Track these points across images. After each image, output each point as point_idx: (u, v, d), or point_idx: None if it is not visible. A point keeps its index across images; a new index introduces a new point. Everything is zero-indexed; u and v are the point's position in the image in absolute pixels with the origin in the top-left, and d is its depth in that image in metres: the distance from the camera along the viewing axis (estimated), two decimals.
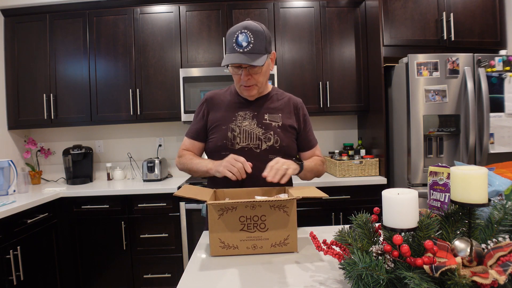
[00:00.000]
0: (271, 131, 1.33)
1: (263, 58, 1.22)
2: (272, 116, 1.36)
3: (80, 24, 2.75)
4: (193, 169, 1.35)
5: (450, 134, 2.29)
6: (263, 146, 1.31)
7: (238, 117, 1.34)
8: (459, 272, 0.59)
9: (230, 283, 0.84)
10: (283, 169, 1.15)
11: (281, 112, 1.37)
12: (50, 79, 2.76)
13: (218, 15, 2.73)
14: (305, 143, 1.43)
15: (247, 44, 1.19)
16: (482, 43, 2.52)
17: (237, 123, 1.33)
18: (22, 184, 2.47)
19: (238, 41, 1.19)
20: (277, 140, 1.32)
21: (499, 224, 0.70)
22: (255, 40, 1.20)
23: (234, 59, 1.19)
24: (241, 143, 1.31)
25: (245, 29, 1.20)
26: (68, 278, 2.51)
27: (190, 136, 1.42)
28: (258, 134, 1.32)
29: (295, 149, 1.41)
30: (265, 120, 1.34)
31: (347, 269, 0.71)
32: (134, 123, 2.81)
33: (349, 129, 3.14)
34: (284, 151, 1.33)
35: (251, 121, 1.34)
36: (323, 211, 2.48)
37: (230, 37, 1.22)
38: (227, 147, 1.31)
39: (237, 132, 1.32)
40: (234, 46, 1.20)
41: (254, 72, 1.25)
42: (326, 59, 2.75)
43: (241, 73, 1.25)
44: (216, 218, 1.00)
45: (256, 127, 1.33)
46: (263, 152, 1.31)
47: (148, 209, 2.47)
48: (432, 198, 0.81)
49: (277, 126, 1.34)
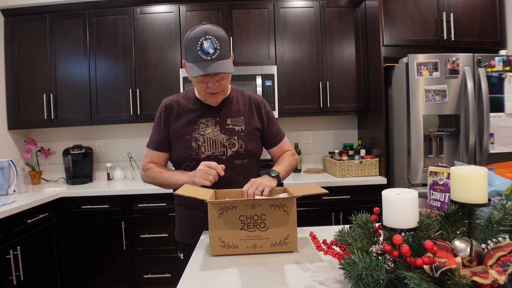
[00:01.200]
0: (234, 136, 1.31)
1: (230, 62, 1.20)
2: (235, 120, 1.33)
3: (80, 24, 2.75)
4: (165, 183, 1.31)
5: (450, 134, 2.29)
6: (229, 152, 1.30)
7: (201, 125, 1.31)
8: (459, 272, 0.59)
9: (230, 283, 0.84)
10: (258, 192, 1.13)
11: (243, 114, 1.35)
12: (50, 79, 2.76)
13: (218, 15, 2.73)
14: (271, 140, 1.42)
15: (214, 51, 1.15)
16: (482, 43, 2.52)
17: (200, 132, 1.30)
18: (22, 184, 2.47)
19: (203, 49, 1.14)
20: (242, 145, 1.31)
21: (499, 224, 0.70)
22: (221, 45, 1.16)
23: (206, 69, 1.14)
24: (206, 152, 1.29)
25: (207, 35, 1.15)
26: (68, 278, 2.51)
27: (153, 147, 1.36)
28: (222, 141, 1.30)
29: (260, 150, 1.40)
30: (228, 125, 1.32)
31: (347, 269, 0.71)
32: (134, 123, 2.81)
33: (349, 129, 3.14)
34: (249, 154, 1.33)
35: (214, 128, 1.31)
36: (323, 211, 2.48)
37: (193, 45, 1.15)
38: (192, 157, 1.29)
39: (201, 141, 1.29)
40: (200, 54, 1.15)
41: (221, 78, 1.22)
42: (326, 59, 2.75)
43: (208, 81, 1.20)
44: (216, 217, 1.00)
45: (219, 133, 1.31)
46: (229, 159, 1.30)
47: (148, 209, 2.47)
48: (432, 198, 0.81)
49: (240, 130, 1.32)
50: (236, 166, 1.31)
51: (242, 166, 1.32)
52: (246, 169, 1.33)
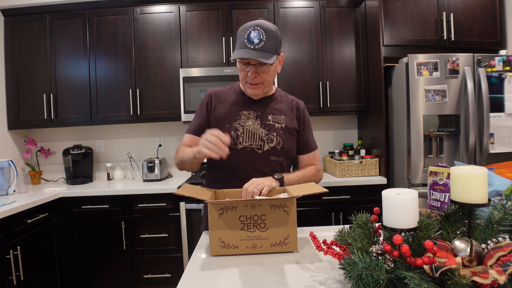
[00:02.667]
0: (274, 133, 1.32)
1: (273, 57, 1.21)
2: (276, 117, 1.35)
3: (80, 24, 2.75)
4: (184, 159, 1.27)
5: (450, 134, 2.29)
6: (265, 147, 1.31)
7: (242, 116, 1.33)
8: (459, 272, 0.59)
9: (230, 283, 0.84)
10: (257, 191, 1.13)
11: (285, 114, 1.37)
12: (50, 79, 2.76)
13: (218, 15, 2.73)
14: (303, 145, 1.41)
15: (259, 42, 1.18)
16: (482, 43, 2.52)
17: (240, 122, 1.32)
18: (22, 184, 2.47)
19: (250, 38, 1.18)
20: (279, 142, 1.32)
21: (499, 224, 0.70)
22: (267, 38, 1.19)
23: (244, 54, 1.18)
24: (244, 143, 1.30)
25: (258, 26, 1.19)
26: (68, 278, 2.51)
27: (192, 131, 1.37)
28: (261, 135, 1.31)
29: (295, 152, 1.40)
30: (269, 121, 1.34)
31: (347, 269, 0.71)
32: (134, 123, 2.81)
33: (349, 129, 3.14)
34: (285, 153, 1.33)
35: (255, 121, 1.33)
36: (323, 211, 2.48)
37: (242, 33, 1.20)
38: (229, 147, 1.29)
39: (240, 131, 1.31)
40: (246, 42, 1.19)
41: (262, 70, 1.24)
42: (326, 59, 2.75)
43: (248, 70, 1.24)
44: (216, 218, 1.00)
45: (259, 127, 1.32)
46: (265, 153, 1.31)
47: (148, 209, 2.47)
48: (432, 198, 0.81)
49: (280, 128, 1.34)
50: (271, 162, 1.31)
51: (277, 163, 1.32)
52: (279, 168, 1.33)
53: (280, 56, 1.30)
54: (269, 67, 1.25)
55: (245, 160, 1.30)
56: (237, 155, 1.29)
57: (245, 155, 1.29)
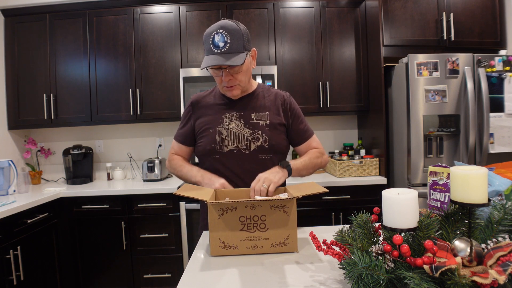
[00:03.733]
0: (259, 131, 1.31)
1: (242, 56, 1.19)
2: (259, 115, 1.34)
3: (80, 24, 2.75)
4: (183, 177, 1.36)
5: (450, 134, 2.29)
6: (252, 146, 1.30)
7: (225, 119, 1.32)
8: (459, 272, 0.59)
9: (230, 283, 0.84)
10: (264, 190, 1.13)
11: (268, 110, 1.35)
12: (50, 79, 2.76)
13: (218, 15, 2.73)
14: (297, 136, 1.40)
15: (224, 44, 1.17)
16: (482, 43, 2.52)
17: (224, 125, 1.31)
18: (22, 184, 2.47)
19: (214, 42, 1.17)
20: (266, 140, 1.31)
21: (499, 224, 0.70)
22: (232, 39, 1.17)
23: (212, 61, 1.17)
24: (230, 146, 1.30)
25: (220, 29, 1.17)
26: (68, 278, 2.51)
27: (178, 140, 1.42)
28: (246, 135, 1.30)
29: (286, 146, 1.38)
30: (252, 120, 1.32)
31: (347, 269, 0.71)
32: (134, 123, 2.81)
33: (349, 129, 3.14)
34: (273, 149, 1.32)
35: (238, 122, 1.32)
36: (323, 211, 2.48)
37: (207, 39, 1.20)
38: (216, 151, 1.30)
39: (224, 134, 1.30)
40: (211, 48, 1.18)
41: (235, 71, 1.24)
42: (326, 59, 2.75)
43: (222, 74, 1.23)
44: (216, 218, 1.00)
45: (243, 127, 1.31)
46: (253, 153, 1.30)
47: (148, 209, 2.47)
48: (432, 198, 0.81)
49: (264, 125, 1.32)
50: (260, 161, 1.30)
51: (267, 161, 1.31)
52: (271, 165, 1.31)
53: (252, 51, 1.28)
54: (241, 67, 1.24)
55: (234, 162, 1.29)
56: (224, 158, 1.29)
57: (232, 158, 1.29)
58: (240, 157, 1.29)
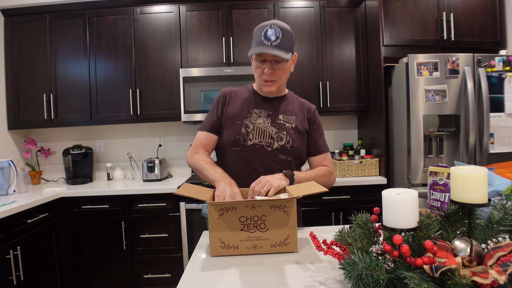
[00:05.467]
0: (284, 131, 1.34)
1: (288, 54, 1.24)
2: (287, 117, 1.37)
3: (80, 24, 2.75)
4: (200, 172, 1.29)
5: (450, 134, 2.29)
6: (275, 145, 1.32)
7: (253, 114, 1.35)
8: (459, 272, 0.59)
9: (230, 283, 0.84)
10: (263, 192, 1.13)
11: (296, 115, 1.39)
12: (50, 79, 2.76)
13: (218, 15, 2.73)
14: (313, 147, 1.42)
15: (276, 39, 1.21)
16: (482, 43, 2.52)
17: (251, 120, 1.34)
18: (22, 184, 2.47)
19: (267, 35, 1.21)
20: (289, 141, 1.33)
21: (499, 224, 0.70)
22: (283, 36, 1.22)
23: (263, 50, 1.21)
24: (254, 140, 1.32)
25: (274, 25, 1.23)
26: (68, 278, 2.51)
27: (206, 128, 1.39)
28: (271, 133, 1.33)
29: (305, 153, 1.41)
30: (279, 120, 1.35)
31: (347, 269, 0.71)
32: (134, 123, 2.81)
33: (349, 129, 3.14)
34: (294, 152, 1.34)
35: (266, 120, 1.35)
36: (323, 211, 2.48)
37: (259, 31, 1.24)
38: (239, 143, 1.32)
39: (250, 128, 1.32)
40: (263, 40, 1.22)
41: (278, 67, 1.27)
42: (326, 59, 2.75)
43: (265, 66, 1.27)
44: (216, 218, 1.00)
45: (270, 125, 1.34)
46: (274, 151, 1.32)
47: (148, 209, 2.47)
48: (432, 198, 0.81)
49: (290, 127, 1.35)
50: (280, 161, 1.32)
51: (285, 162, 1.33)
52: (288, 167, 1.33)
53: (294, 55, 1.33)
54: (285, 64, 1.28)
55: (254, 157, 1.31)
56: (246, 151, 1.31)
57: (254, 152, 1.31)
58: (262, 153, 1.30)
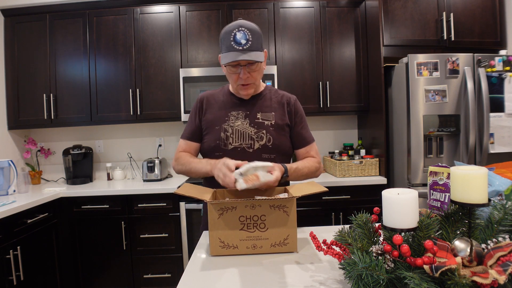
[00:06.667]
0: (263, 130, 1.32)
1: (261, 54, 1.24)
2: (265, 114, 1.35)
3: (80, 24, 2.75)
4: (191, 170, 1.34)
5: (450, 134, 2.29)
6: (256, 145, 1.31)
7: (231, 117, 1.34)
8: (459, 272, 0.59)
9: (230, 283, 0.84)
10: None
11: (275, 111, 1.37)
12: (50, 79, 2.76)
13: (218, 15, 2.73)
14: (298, 140, 1.40)
15: (246, 42, 1.19)
16: (482, 43, 2.52)
17: (229, 123, 1.33)
18: (22, 184, 2.47)
19: (236, 39, 1.19)
20: (270, 139, 1.32)
21: (499, 224, 0.70)
22: (253, 37, 1.20)
23: (236, 57, 1.19)
24: (234, 143, 1.31)
25: (241, 27, 1.20)
26: (68, 278, 2.51)
27: (186, 137, 1.42)
28: (250, 134, 1.32)
29: (290, 148, 1.39)
30: (258, 119, 1.34)
31: (347, 269, 0.71)
32: (134, 123, 2.81)
33: (349, 129, 3.14)
34: (277, 149, 1.33)
35: (244, 121, 1.33)
36: (323, 211, 2.48)
37: (227, 36, 1.21)
38: (220, 148, 1.31)
39: (229, 132, 1.32)
40: (232, 44, 1.20)
41: (253, 69, 1.26)
42: (326, 59, 2.75)
43: (239, 71, 1.25)
44: (216, 218, 1.00)
45: (248, 126, 1.33)
46: (256, 152, 1.31)
47: (148, 209, 2.47)
48: (432, 198, 0.81)
49: (269, 124, 1.34)
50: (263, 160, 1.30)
51: (269, 160, 1.30)
52: None
53: (264, 52, 1.31)
54: (259, 65, 1.26)
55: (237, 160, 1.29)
56: (228, 155, 1.29)
57: (236, 155, 1.29)
58: (244, 155, 1.29)
